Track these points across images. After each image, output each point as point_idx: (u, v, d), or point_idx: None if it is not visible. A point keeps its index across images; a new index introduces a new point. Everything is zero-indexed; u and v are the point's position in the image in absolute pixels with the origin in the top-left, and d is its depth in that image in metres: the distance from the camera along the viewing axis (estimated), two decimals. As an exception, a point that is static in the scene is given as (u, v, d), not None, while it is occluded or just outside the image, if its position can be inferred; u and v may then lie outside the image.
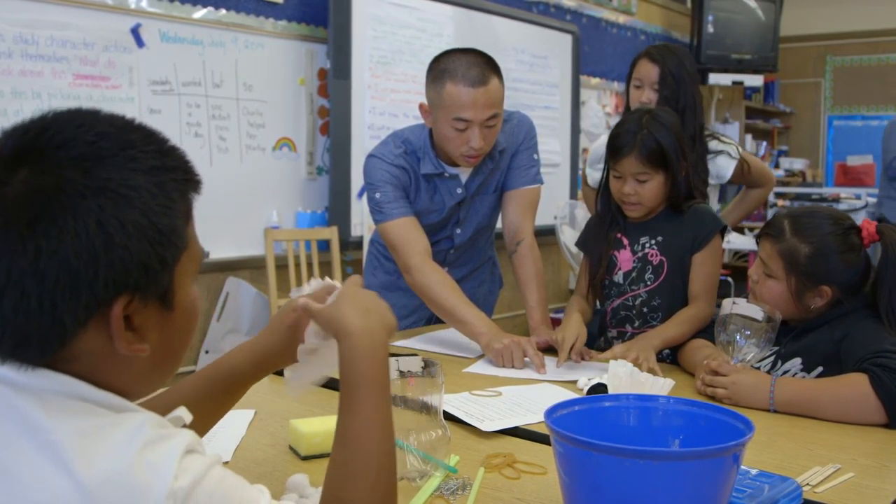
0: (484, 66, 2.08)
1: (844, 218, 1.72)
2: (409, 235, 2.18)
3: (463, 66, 2.07)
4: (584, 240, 2.21)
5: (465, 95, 2.05)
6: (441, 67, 2.11)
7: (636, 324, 2.08)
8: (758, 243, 1.80)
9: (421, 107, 2.20)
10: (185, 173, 0.79)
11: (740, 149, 2.70)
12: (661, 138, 1.96)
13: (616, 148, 2.00)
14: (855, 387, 1.49)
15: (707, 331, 1.95)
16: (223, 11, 3.73)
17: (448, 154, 2.18)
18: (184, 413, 0.84)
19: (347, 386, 0.93)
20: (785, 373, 1.73)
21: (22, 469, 0.68)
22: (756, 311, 1.65)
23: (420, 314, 2.43)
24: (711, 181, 2.61)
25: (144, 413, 0.75)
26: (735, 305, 1.67)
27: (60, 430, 0.70)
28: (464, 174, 2.26)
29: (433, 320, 2.41)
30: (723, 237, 2.08)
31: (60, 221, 0.69)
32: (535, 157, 2.35)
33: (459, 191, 2.27)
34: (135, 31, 3.44)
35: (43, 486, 0.68)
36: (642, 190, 1.99)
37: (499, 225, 2.43)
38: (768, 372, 1.75)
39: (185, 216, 0.78)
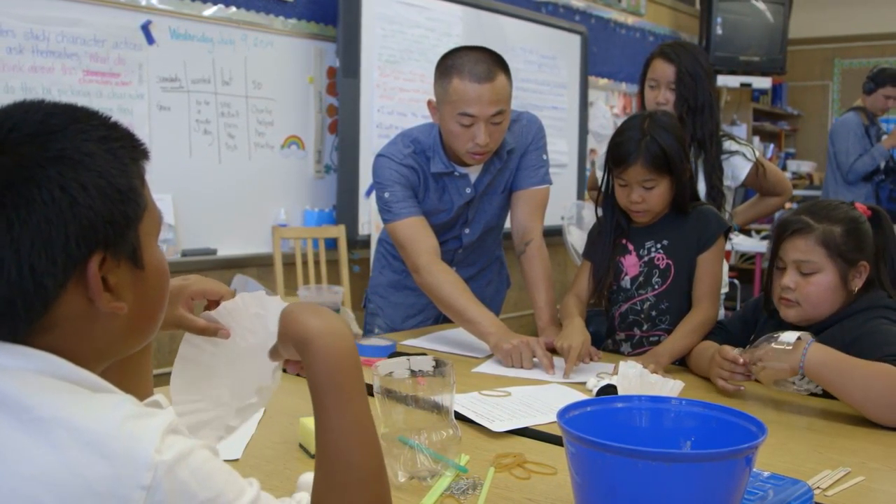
0: (491, 62, 2.08)
1: (847, 204, 1.76)
2: (418, 235, 2.18)
3: (470, 63, 2.07)
4: (590, 251, 2.18)
5: (471, 91, 2.05)
6: (448, 63, 2.11)
7: (644, 327, 2.08)
8: (777, 248, 1.75)
9: (429, 103, 2.20)
10: (132, 142, 0.83)
11: (757, 152, 2.63)
12: (665, 143, 1.92)
13: (620, 157, 1.96)
14: (886, 376, 1.47)
15: (714, 333, 1.95)
16: (233, 9, 3.73)
17: (454, 151, 2.18)
18: (161, 399, 0.85)
19: (316, 393, 0.89)
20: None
21: (5, 446, 0.70)
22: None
23: (427, 313, 2.44)
24: (727, 182, 2.54)
25: (124, 394, 0.77)
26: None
27: (41, 408, 0.72)
28: (473, 174, 2.26)
29: (440, 319, 2.41)
30: (726, 238, 2.07)
31: (26, 192, 0.73)
32: (544, 157, 2.35)
33: (468, 190, 2.26)
34: (145, 28, 3.44)
35: (26, 460, 0.69)
36: (650, 196, 1.97)
37: (507, 225, 2.43)
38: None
39: (140, 179, 0.83)
